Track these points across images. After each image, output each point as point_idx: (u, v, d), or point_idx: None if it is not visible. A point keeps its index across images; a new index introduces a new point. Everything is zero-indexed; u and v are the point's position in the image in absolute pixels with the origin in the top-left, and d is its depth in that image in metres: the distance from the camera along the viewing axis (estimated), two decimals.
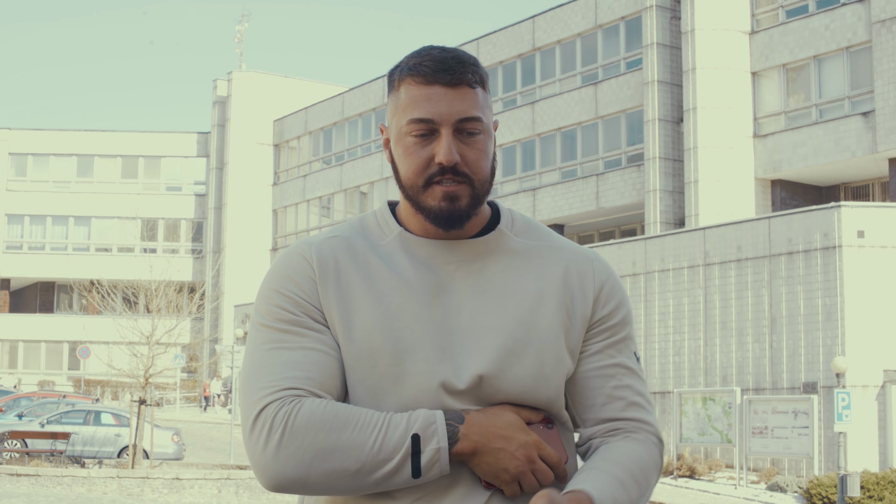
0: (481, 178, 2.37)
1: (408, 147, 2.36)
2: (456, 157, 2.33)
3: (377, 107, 60.24)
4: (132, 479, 22.39)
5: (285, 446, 2.23)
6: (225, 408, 56.32)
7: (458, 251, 2.42)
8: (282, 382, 2.28)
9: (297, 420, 2.23)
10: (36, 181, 71.09)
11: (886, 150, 37.73)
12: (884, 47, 37.82)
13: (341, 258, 2.40)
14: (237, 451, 32.33)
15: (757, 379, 33.70)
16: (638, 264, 37.60)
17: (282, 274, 2.40)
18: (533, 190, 49.52)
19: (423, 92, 2.35)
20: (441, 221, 2.36)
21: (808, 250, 32.82)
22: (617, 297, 2.50)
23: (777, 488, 30.31)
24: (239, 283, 65.87)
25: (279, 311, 2.36)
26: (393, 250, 2.42)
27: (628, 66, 46.47)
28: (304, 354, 2.31)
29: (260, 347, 2.35)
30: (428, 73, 2.35)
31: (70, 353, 67.26)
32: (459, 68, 2.35)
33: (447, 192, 2.34)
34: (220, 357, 35.54)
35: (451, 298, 2.38)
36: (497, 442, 2.29)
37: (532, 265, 2.45)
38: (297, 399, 2.26)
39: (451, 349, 2.34)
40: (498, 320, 2.37)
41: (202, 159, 71.06)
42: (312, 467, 2.23)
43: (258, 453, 2.26)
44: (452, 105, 2.34)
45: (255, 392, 2.29)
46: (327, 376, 2.31)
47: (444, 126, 2.33)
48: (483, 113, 2.38)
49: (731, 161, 41.79)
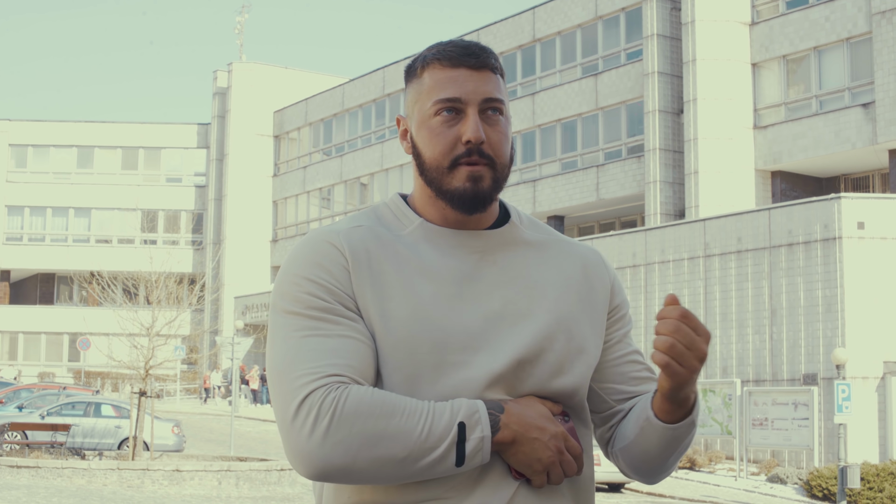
0: (503, 161, 2.43)
1: (433, 129, 2.42)
2: (483, 135, 2.38)
3: (377, 98, 60.21)
4: (132, 470, 22.40)
5: (333, 433, 2.21)
6: (225, 399, 56.34)
7: (481, 241, 2.45)
8: (325, 369, 2.27)
9: (346, 406, 2.22)
10: (36, 172, 71.06)
11: (886, 142, 37.71)
12: (884, 38, 37.78)
13: (371, 247, 2.41)
14: (237, 442, 32.37)
15: (757, 370, 33.72)
16: (638, 256, 37.60)
17: (311, 261, 2.39)
18: (533, 181, 49.50)
19: (449, 74, 2.42)
20: (464, 203, 2.40)
21: (808, 242, 32.82)
22: (623, 291, 2.62)
23: (777, 480, 30.34)
24: (239, 274, 65.89)
25: (311, 298, 2.35)
26: (416, 240, 2.44)
27: (629, 58, 46.43)
28: (341, 342, 2.31)
29: (293, 334, 2.33)
30: (454, 56, 2.43)
31: (70, 344, 67.26)
32: (483, 54, 2.44)
33: (472, 173, 2.38)
34: (220, 349, 35.51)
35: (481, 286, 2.41)
36: (533, 432, 2.31)
37: (549, 257, 2.51)
38: (344, 385, 2.25)
39: (485, 336, 2.37)
40: (528, 307, 2.42)
41: (202, 150, 71.02)
42: (360, 455, 2.22)
43: (303, 440, 2.23)
44: (478, 85, 2.41)
45: (297, 378, 2.27)
46: (365, 365, 2.31)
47: (471, 105, 2.40)
48: (504, 98, 2.46)
49: (731, 152, 41.77)
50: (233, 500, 21.23)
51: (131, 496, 20.44)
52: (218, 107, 69.51)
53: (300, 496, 22.26)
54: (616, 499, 26.30)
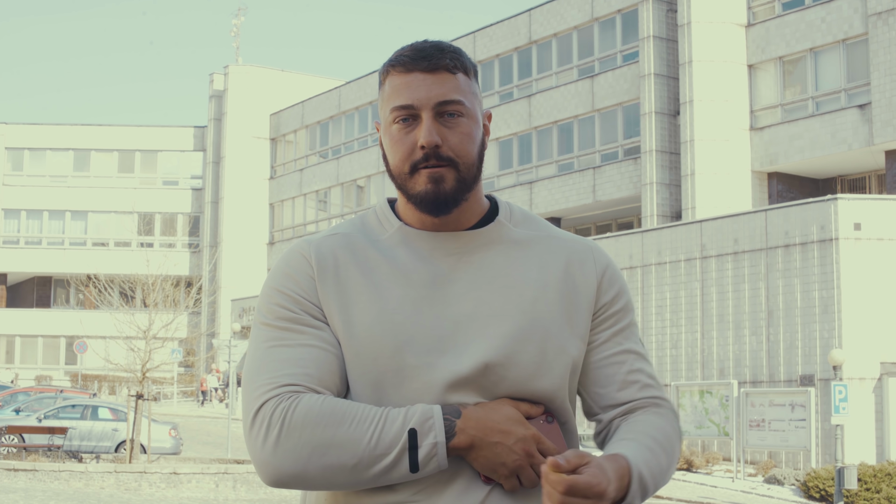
0: (466, 161, 2.40)
1: (393, 136, 2.41)
2: (436, 139, 2.35)
3: (374, 100, 60.16)
4: (129, 473, 22.39)
5: (283, 442, 2.25)
6: (222, 402, 56.31)
7: (459, 242, 2.43)
8: (280, 379, 2.30)
9: (294, 416, 2.25)
10: (32, 176, 71.00)
11: (883, 143, 37.73)
12: (880, 40, 37.81)
13: (340, 255, 2.42)
14: (235, 445, 32.34)
15: (754, 372, 33.73)
16: (635, 257, 37.60)
17: (282, 273, 2.43)
18: (530, 183, 49.51)
19: (404, 80, 2.40)
20: (427, 206, 2.38)
21: (804, 243, 32.83)
22: (618, 285, 2.54)
23: (774, 481, 30.34)
24: (236, 277, 65.85)
25: (279, 309, 2.39)
26: (393, 244, 2.44)
27: (625, 59, 46.45)
28: (302, 351, 2.33)
29: (261, 346, 2.38)
30: (407, 61, 2.40)
31: (67, 347, 67.22)
32: (437, 54, 2.40)
33: (431, 175, 2.36)
34: (217, 351, 35.52)
35: (454, 288, 2.39)
36: (494, 436, 2.29)
37: (533, 255, 2.47)
38: (295, 395, 2.28)
39: (454, 339, 2.35)
40: (502, 308, 2.39)
41: (199, 153, 70.98)
42: (310, 462, 2.24)
43: (257, 449, 2.28)
44: (431, 89, 2.38)
45: (255, 389, 2.32)
46: (326, 372, 2.33)
47: (424, 110, 2.38)
48: (465, 97, 2.41)
49: (727, 154, 41.78)
50: (230, 503, 21.21)
51: (128, 499, 20.42)
52: (214, 109, 69.47)
53: (296, 498, 22.24)
54: None
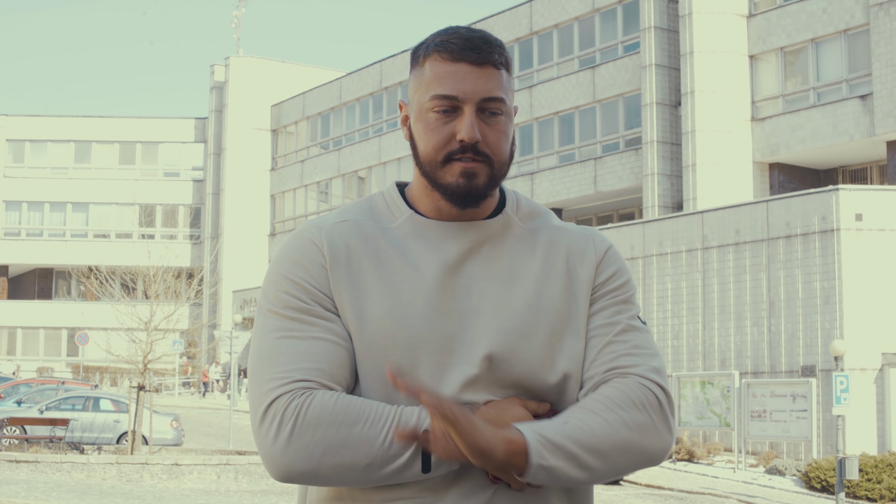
0: (500, 159, 2.38)
1: (429, 123, 2.37)
2: (478, 136, 2.33)
3: (375, 91, 60.15)
4: (131, 465, 22.41)
5: (295, 440, 2.22)
6: (224, 393, 56.35)
7: (469, 233, 2.41)
8: (292, 374, 2.27)
9: (307, 414, 2.22)
10: (33, 167, 70.99)
11: (884, 133, 37.70)
12: (881, 30, 37.76)
13: (352, 244, 2.39)
14: (236, 436, 32.36)
15: (755, 362, 33.73)
16: (636, 248, 37.59)
17: (291, 259, 2.39)
18: (531, 174, 49.49)
19: (449, 69, 2.36)
20: (457, 198, 2.36)
21: (806, 234, 32.81)
22: (617, 265, 2.51)
23: (776, 472, 30.36)
24: (237, 268, 65.85)
25: (288, 297, 2.35)
26: (403, 233, 2.41)
27: (626, 50, 46.40)
28: (313, 344, 2.30)
29: (269, 335, 2.34)
30: (455, 49, 2.36)
31: (69, 339, 67.25)
32: (486, 48, 2.37)
33: (466, 169, 2.34)
34: (218, 343, 35.54)
35: (461, 281, 2.37)
36: None
37: (537, 247, 2.46)
38: (308, 391, 2.25)
39: (463, 335, 2.34)
40: (505, 302, 2.37)
41: (200, 145, 70.96)
42: (323, 461, 2.22)
43: (268, 446, 2.25)
44: (477, 84, 2.35)
45: (265, 383, 2.28)
46: (337, 367, 2.30)
47: (468, 104, 2.34)
48: (506, 95, 2.39)
49: (728, 144, 41.76)
50: (231, 494, 21.23)
51: (130, 490, 20.44)
52: (215, 101, 69.44)
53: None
54: (615, 491, 26.31)
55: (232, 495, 21.06)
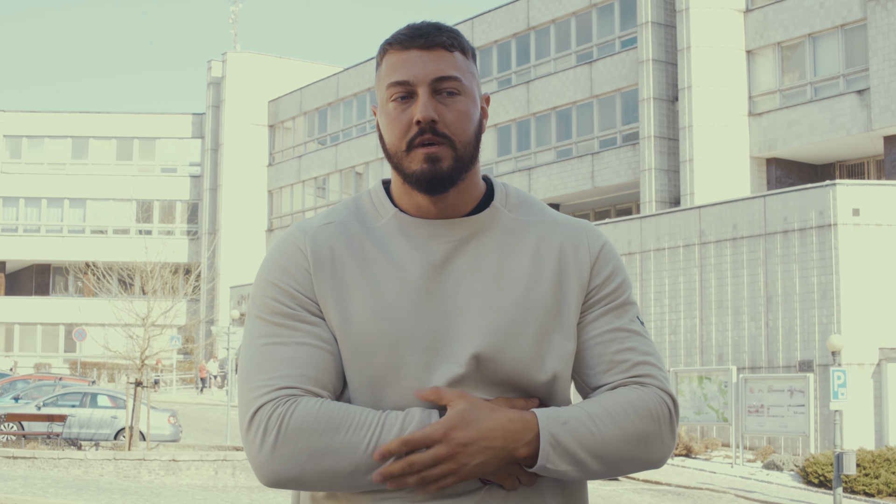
0: (463, 139, 2.37)
1: (389, 114, 2.39)
2: (432, 114, 2.33)
3: (372, 87, 60.08)
4: (129, 460, 22.40)
5: (280, 448, 2.24)
6: (221, 389, 56.34)
7: (454, 230, 2.40)
8: (276, 381, 2.28)
9: (291, 422, 2.24)
10: (31, 163, 70.96)
11: (881, 128, 37.70)
12: (878, 25, 37.75)
13: (336, 246, 2.39)
14: (234, 432, 32.35)
15: (753, 357, 33.74)
16: (633, 243, 37.59)
17: (277, 265, 2.40)
18: (528, 169, 49.48)
19: (401, 57, 2.38)
20: (423, 185, 2.35)
21: (803, 229, 32.82)
22: (612, 265, 2.48)
23: (773, 467, 30.37)
24: (234, 264, 65.84)
25: (273, 303, 2.36)
26: (388, 233, 2.40)
27: (623, 45, 46.39)
28: (298, 350, 2.31)
29: (256, 341, 2.35)
30: (404, 38, 2.39)
31: (66, 335, 67.24)
32: (434, 32, 2.39)
33: (428, 154, 2.34)
34: (216, 338, 35.55)
35: (448, 279, 2.36)
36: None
37: (527, 242, 2.43)
38: (293, 399, 2.26)
39: (449, 335, 2.33)
40: (493, 301, 2.36)
41: (197, 141, 70.93)
42: (308, 468, 2.23)
43: (254, 453, 2.27)
44: (427, 65, 2.37)
45: (251, 391, 2.30)
46: (322, 371, 2.31)
47: (421, 86, 2.36)
48: (462, 75, 2.39)
49: (726, 140, 41.76)
50: (229, 490, 21.23)
51: (128, 486, 20.44)
52: (212, 97, 69.40)
53: None
54: (612, 486, 26.32)
55: (229, 491, 21.06)
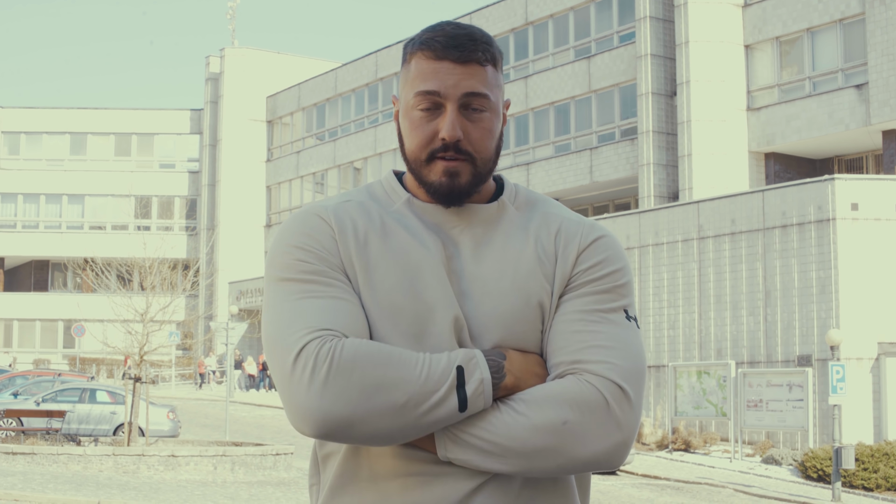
0: (484, 156, 2.40)
1: (414, 121, 2.40)
2: (459, 134, 2.35)
3: (370, 82, 60.12)
4: (128, 456, 22.40)
5: (332, 383, 2.20)
6: (220, 384, 56.36)
7: (464, 217, 2.44)
8: (320, 324, 2.26)
9: (343, 355, 2.22)
10: (29, 159, 70.92)
11: (880, 123, 37.71)
12: (877, 19, 37.75)
13: (358, 219, 2.41)
14: (233, 427, 32.38)
15: (751, 352, 33.77)
16: (632, 238, 37.61)
17: (300, 231, 2.40)
18: (527, 164, 49.48)
19: (432, 66, 2.38)
20: (440, 197, 2.40)
21: (802, 223, 32.83)
22: (604, 254, 2.44)
23: (772, 461, 30.41)
24: (233, 259, 65.83)
25: (301, 263, 2.36)
26: (403, 215, 2.44)
27: (621, 40, 46.38)
28: (334, 303, 2.31)
29: (288, 298, 2.33)
30: (438, 47, 2.38)
31: (65, 331, 67.25)
32: (470, 45, 2.39)
33: (448, 168, 2.37)
34: (214, 334, 35.52)
35: (455, 264, 2.40)
36: (532, 379, 2.32)
37: (529, 235, 2.46)
38: (339, 337, 2.25)
39: (467, 319, 2.37)
40: (494, 288, 2.39)
41: (195, 136, 70.90)
42: (360, 404, 2.20)
43: (301, 393, 2.22)
44: (459, 80, 2.37)
45: (292, 334, 2.26)
46: (360, 325, 2.31)
47: (450, 101, 2.37)
48: (491, 91, 2.41)
49: (724, 134, 41.76)
50: (228, 485, 21.24)
51: (127, 482, 20.45)
52: (211, 92, 69.36)
53: (295, 481, 22.28)
54: (611, 481, 26.35)
55: (228, 486, 21.07)
